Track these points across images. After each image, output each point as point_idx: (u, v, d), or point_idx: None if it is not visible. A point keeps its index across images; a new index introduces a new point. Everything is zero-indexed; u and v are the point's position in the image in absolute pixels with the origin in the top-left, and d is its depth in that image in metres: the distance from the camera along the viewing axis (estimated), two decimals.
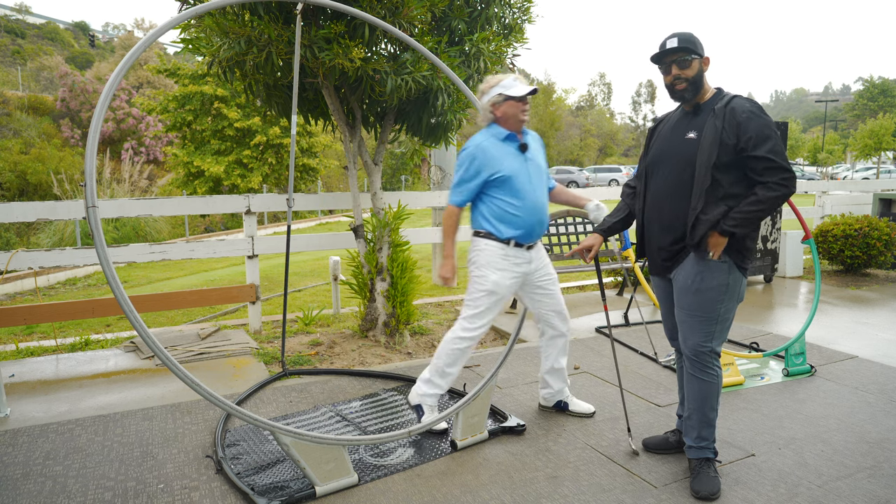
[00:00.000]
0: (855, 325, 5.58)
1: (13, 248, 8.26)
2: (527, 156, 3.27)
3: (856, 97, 65.33)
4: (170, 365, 2.36)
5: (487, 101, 3.23)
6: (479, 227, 3.30)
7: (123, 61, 2.46)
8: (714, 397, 2.84)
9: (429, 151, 8.42)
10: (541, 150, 3.42)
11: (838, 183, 10.73)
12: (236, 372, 4.39)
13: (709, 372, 2.80)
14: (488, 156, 3.18)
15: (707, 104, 2.73)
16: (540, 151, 3.40)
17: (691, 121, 2.74)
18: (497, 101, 3.20)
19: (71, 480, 2.90)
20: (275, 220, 22.77)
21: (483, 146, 3.20)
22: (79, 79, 31.39)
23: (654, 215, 2.84)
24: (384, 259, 4.98)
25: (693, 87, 2.70)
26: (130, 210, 5.18)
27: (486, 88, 3.24)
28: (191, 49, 4.53)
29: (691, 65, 2.68)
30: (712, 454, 2.88)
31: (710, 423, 2.87)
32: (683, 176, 2.70)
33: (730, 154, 2.60)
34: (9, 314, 4.75)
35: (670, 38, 2.70)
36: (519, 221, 3.21)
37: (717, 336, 2.78)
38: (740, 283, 2.75)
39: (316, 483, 2.75)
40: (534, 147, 3.35)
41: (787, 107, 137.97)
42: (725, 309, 2.74)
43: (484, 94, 3.25)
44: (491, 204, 3.24)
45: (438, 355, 3.34)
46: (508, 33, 5.30)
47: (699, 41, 2.71)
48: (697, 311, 2.74)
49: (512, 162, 3.20)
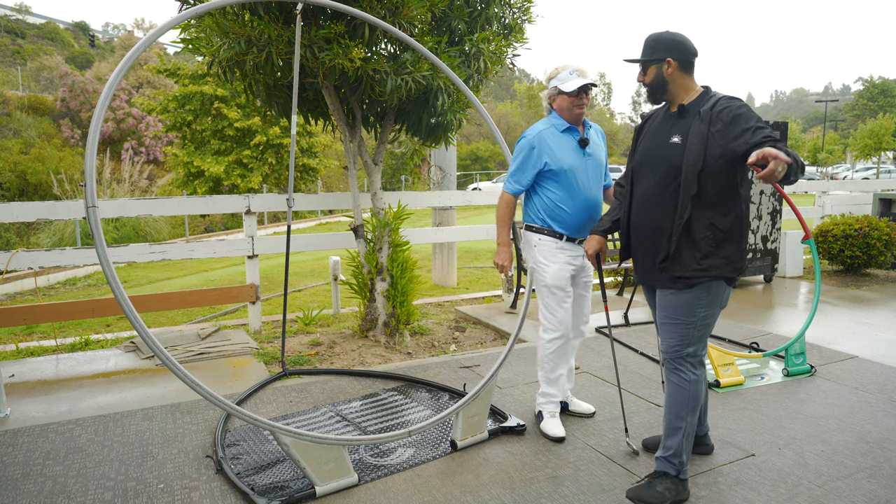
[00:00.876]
0: (855, 325, 5.58)
1: (13, 248, 8.26)
2: (586, 151, 3.26)
3: (856, 97, 65.28)
4: (170, 365, 2.36)
5: (546, 92, 3.28)
6: (531, 221, 3.33)
7: (123, 61, 2.46)
8: (684, 405, 2.69)
9: (429, 151, 8.41)
10: (602, 145, 3.38)
11: (838, 183, 10.73)
12: (236, 372, 4.39)
13: (681, 376, 2.71)
14: (546, 146, 3.20)
15: (692, 105, 2.63)
16: (601, 146, 3.37)
17: (675, 123, 2.66)
18: (552, 94, 3.25)
19: (71, 480, 2.90)
20: (275, 220, 22.77)
21: (542, 135, 3.21)
22: (79, 79, 31.38)
23: (641, 222, 2.77)
24: (384, 259, 4.98)
25: (652, 91, 2.70)
26: (130, 210, 5.18)
27: (547, 79, 3.27)
28: (191, 49, 4.53)
29: (647, 71, 2.68)
30: (673, 470, 2.69)
31: (676, 432, 2.70)
32: (668, 181, 2.63)
33: (717, 159, 2.51)
34: (9, 314, 4.75)
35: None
36: (569, 219, 3.23)
37: (695, 341, 2.69)
38: (723, 290, 2.68)
39: (316, 483, 2.75)
40: (595, 142, 3.32)
41: (787, 107, 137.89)
42: (705, 314, 2.66)
43: (548, 82, 3.28)
44: (544, 197, 3.26)
45: (539, 365, 3.39)
46: (508, 33, 5.30)
47: (663, 45, 2.62)
48: (676, 314, 2.68)
49: (570, 156, 3.21)
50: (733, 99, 2.57)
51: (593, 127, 3.39)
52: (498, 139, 3.69)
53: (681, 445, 2.70)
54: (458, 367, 4.43)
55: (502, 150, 3.71)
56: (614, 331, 5.32)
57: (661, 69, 2.64)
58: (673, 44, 2.63)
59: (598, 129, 3.43)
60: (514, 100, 56.77)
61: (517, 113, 50.80)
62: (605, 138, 3.47)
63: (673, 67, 2.63)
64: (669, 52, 2.63)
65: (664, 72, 2.64)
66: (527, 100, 49.40)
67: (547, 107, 3.33)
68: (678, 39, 2.64)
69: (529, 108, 48.84)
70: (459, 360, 4.59)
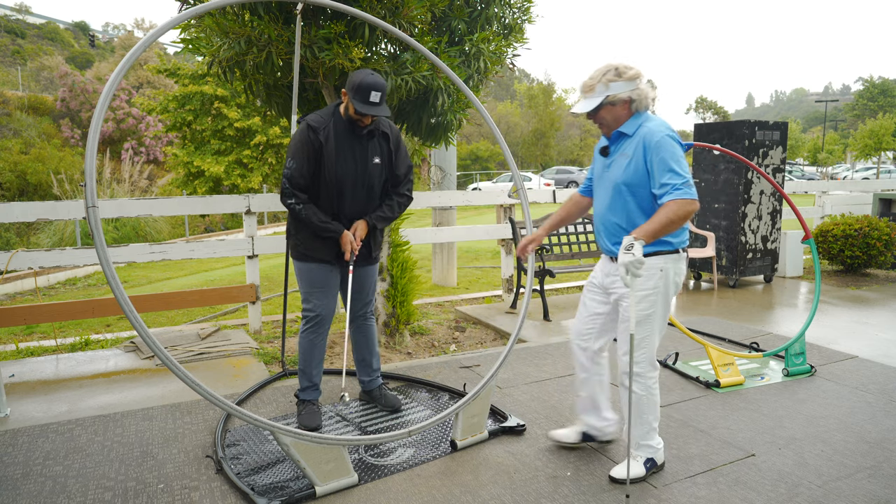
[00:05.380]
0: (855, 325, 5.58)
1: (13, 248, 8.26)
2: (605, 161, 2.91)
3: (856, 97, 65.31)
4: (170, 365, 2.36)
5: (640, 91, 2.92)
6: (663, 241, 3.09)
7: (123, 61, 2.46)
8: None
9: (429, 151, 8.41)
10: (628, 156, 2.77)
11: (838, 183, 10.73)
12: (236, 372, 4.39)
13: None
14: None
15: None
16: (623, 158, 2.79)
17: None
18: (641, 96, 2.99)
19: (71, 480, 2.90)
20: (275, 220, 22.76)
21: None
22: (79, 79, 31.38)
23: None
24: (384, 259, 4.98)
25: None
26: (130, 210, 5.18)
27: (630, 77, 2.89)
28: (191, 49, 4.53)
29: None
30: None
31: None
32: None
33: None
34: (9, 314, 4.75)
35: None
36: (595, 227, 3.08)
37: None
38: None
39: (316, 483, 2.75)
40: (616, 154, 2.84)
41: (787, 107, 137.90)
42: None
43: (633, 81, 2.95)
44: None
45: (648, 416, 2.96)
46: (508, 33, 5.30)
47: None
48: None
49: (596, 165, 3.01)
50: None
51: (629, 136, 2.87)
52: (498, 139, 3.68)
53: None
54: (458, 367, 4.43)
55: (502, 150, 3.70)
56: None
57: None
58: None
59: (637, 137, 2.84)
60: (514, 100, 56.74)
61: (517, 113, 50.79)
62: (650, 146, 2.77)
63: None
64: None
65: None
66: (527, 100, 49.37)
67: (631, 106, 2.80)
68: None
69: (529, 108, 48.82)
70: (459, 360, 4.59)
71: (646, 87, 2.78)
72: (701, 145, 4.38)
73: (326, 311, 3.40)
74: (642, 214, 2.75)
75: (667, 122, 2.79)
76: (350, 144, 3.28)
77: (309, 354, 3.43)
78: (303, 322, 3.43)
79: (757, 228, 7.15)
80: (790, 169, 44.47)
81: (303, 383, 3.50)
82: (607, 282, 2.93)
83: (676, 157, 2.63)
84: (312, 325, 3.39)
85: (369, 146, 3.34)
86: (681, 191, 2.56)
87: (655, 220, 2.56)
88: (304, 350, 3.43)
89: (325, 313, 3.40)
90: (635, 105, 2.77)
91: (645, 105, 2.78)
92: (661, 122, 2.76)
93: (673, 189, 2.58)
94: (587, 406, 3.13)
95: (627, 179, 2.74)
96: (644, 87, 2.76)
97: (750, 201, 7.04)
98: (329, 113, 3.30)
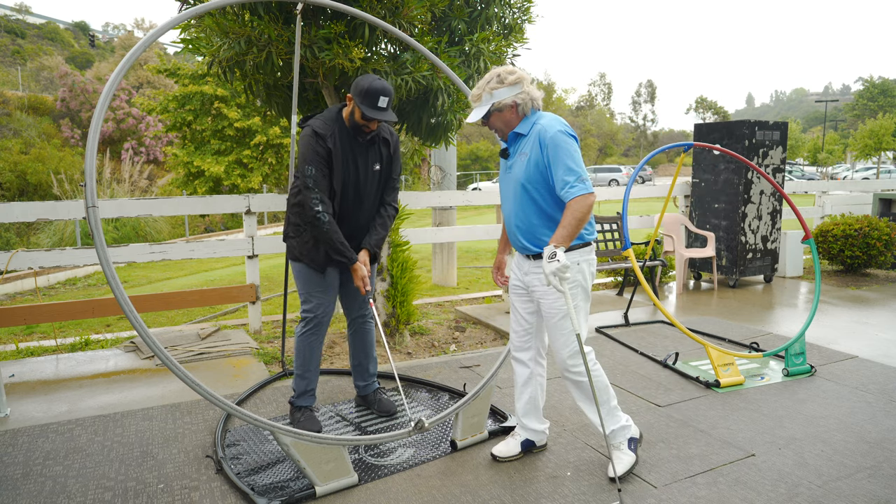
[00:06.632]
0: (855, 325, 5.58)
1: (13, 248, 8.26)
2: (507, 163, 2.95)
3: (856, 97, 65.29)
4: (170, 365, 2.36)
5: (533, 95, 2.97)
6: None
7: (123, 61, 2.46)
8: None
9: (429, 151, 8.42)
10: (527, 154, 2.82)
11: (838, 183, 10.73)
12: (236, 372, 4.39)
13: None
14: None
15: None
16: (523, 157, 2.84)
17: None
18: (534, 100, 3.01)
19: (71, 480, 2.90)
20: (275, 220, 22.76)
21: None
22: (79, 79, 31.39)
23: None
24: (384, 259, 4.98)
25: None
26: (130, 210, 5.18)
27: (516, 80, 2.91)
28: (191, 49, 4.53)
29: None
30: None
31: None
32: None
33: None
34: (9, 314, 4.75)
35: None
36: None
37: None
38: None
39: (316, 483, 2.75)
40: (515, 154, 2.89)
41: (787, 107, 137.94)
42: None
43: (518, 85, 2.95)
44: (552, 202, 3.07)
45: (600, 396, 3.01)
46: (508, 33, 5.30)
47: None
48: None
49: (501, 169, 3.05)
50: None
51: (524, 136, 2.91)
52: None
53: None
54: (458, 367, 4.43)
55: None
56: (615, 331, 5.31)
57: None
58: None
59: (533, 134, 2.86)
60: None
61: None
62: (546, 143, 2.80)
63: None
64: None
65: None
66: None
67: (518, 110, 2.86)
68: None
69: None
70: (459, 360, 4.59)
71: (530, 88, 2.86)
72: (701, 145, 4.38)
73: (326, 312, 3.39)
74: (552, 207, 2.83)
75: (560, 117, 2.87)
76: (354, 151, 3.24)
77: (307, 357, 3.39)
78: (301, 323, 3.39)
79: (757, 228, 7.15)
80: (790, 169, 44.49)
81: (299, 388, 3.41)
82: (527, 280, 2.98)
83: (570, 151, 2.73)
84: (311, 326, 3.37)
85: (371, 153, 3.30)
86: (576, 188, 2.68)
87: (565, 223, 2.66)
88: (302, 352, 3.39)
89: (324, 315, 3.38)
90: (521, 108, 2.85)
91: (534, 106, 2.87)
92: (555, 118, 2.84)
93: (570, 188, 2.69)
94: (529, 409, 3.15)
95: (530, 177, 2.81)
96: (528, 89, 2.85)
97: (750, 201, 7.04)
98: (333, 119, 3.22)
